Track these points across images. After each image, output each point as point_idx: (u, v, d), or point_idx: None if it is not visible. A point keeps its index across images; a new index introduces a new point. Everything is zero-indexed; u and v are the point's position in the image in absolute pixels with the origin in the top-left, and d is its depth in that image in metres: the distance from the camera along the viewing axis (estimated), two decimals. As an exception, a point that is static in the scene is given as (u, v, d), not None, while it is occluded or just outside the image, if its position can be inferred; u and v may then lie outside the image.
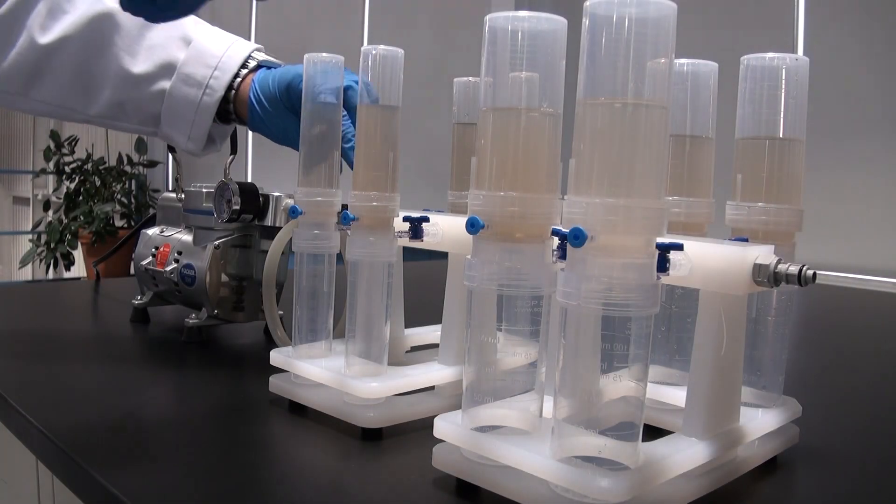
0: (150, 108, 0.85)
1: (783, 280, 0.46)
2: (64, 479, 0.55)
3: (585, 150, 0.41)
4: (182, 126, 0.84)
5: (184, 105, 0.83)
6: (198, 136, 0.85)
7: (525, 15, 0.45)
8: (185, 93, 0.83)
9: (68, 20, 0.82)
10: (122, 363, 0.78)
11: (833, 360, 0.96)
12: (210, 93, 0.82)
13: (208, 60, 0.83)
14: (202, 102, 0.82)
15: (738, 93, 0.55)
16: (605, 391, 0.43)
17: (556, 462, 0.43)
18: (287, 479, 0.50)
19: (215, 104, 0.83)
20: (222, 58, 0.83)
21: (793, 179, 0.54)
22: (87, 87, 0.84)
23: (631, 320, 0.41)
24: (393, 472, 0.52)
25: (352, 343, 0.61)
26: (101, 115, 0.85)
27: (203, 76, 0.82)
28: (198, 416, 0.63)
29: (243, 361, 0.81)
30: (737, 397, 0.51)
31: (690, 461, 0.46)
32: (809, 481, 0.54)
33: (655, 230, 0.41)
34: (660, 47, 0.40)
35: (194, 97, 0.82)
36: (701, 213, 0.59)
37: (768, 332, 0.55)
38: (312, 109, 0.65)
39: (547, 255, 0.46)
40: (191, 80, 0.82)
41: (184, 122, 0.84)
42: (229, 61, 0.83)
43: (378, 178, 0.60)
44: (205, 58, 0.83)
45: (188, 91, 0.83)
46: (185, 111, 0.83)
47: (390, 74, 0.59)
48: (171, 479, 0.50)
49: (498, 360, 0.48)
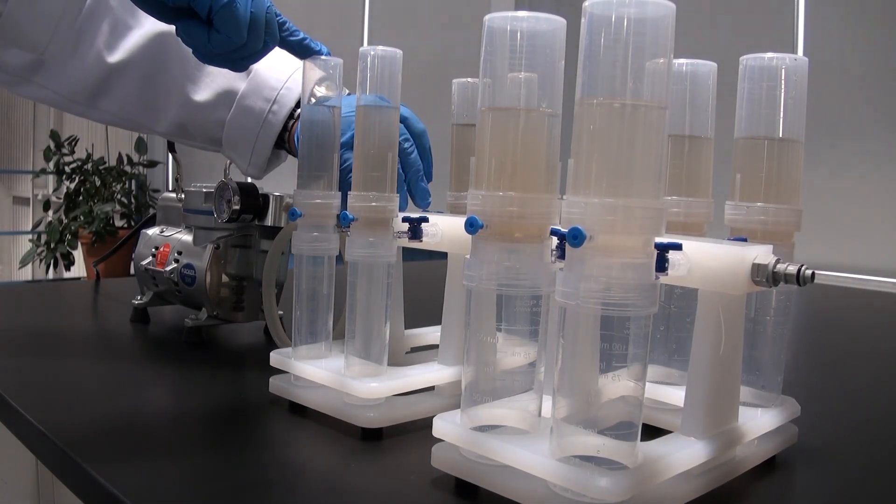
0: (212, 133, 0.86)
1: (782, 280, 0.46)
2: (64, 479, 0.55)
3: (584, 150, 0.41)
4: (243, 153, 0.85)
5: (243, 136, 0.84)
6: (258, 163, 0.86)
7: (524, 15, 0.45)
8: (243, 124, 0.83)
9: (133, 39, 0.83)
10: (122, 363, 0.78)
11: (832, 360, 0.96)
12: (268, 127, 0.83)
13: (267, 94, 0.83)
14: (260, 135, 0.83)
15: (737, 93, 0.55)
16: (603, 391, 0.43)
17: (555, 461, 0.43)
18: (287, 479, 0.50)
19: (273, 138, 0.83)
20: (280, 90, 0.83)
21: (792, 179, 0.54)
22: (152, 105, 0.85)
23: (630, 320, 0.41)
24: (393, 472, 0.52)
25: (351, 343, 0.61)
26: (167, 132, 0.87)
27: (261, 110, 0.82)
28: (198, 416, 0.63)
29: (243, 361, 0.81)
30: (735, 397, 0.51)
31: (689, 461, 0.46)
32: (808, 481, 0.54)
33: (654, 230, 0.41)
34: (659, 47, 0.40)
35: (253, 129, 0.83)
36: (700, 213, 0.59)
37: (767, 332, 0.55)
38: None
39: (546, 254, 0.46)
40: (249, 113, 0.83)
41: (244, 151, 0.85)
42: (288, 94, 0.83)
43: (377, 178, 0.60)
44: (263, 91, 0.83)
45: (246, 122, 0.83)
46: (244, 141, 0.84)
47: (389, 75, 0.59)
48: (171, 479, 0.50)
49: (497, 359, 0.48)
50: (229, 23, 0.61)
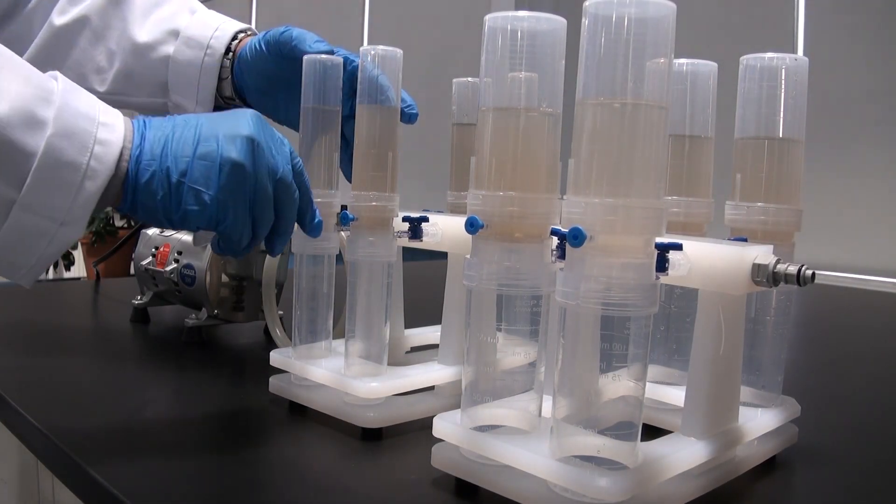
0: (157, 77, 0.85)
1: (782, 280, 0.46)
2: (64, 479, 0.55)
3: (584, 150, 0.41)
4: (189, 90, 0.84)
5: (187, 67, 0.83)
6: (205, 98, 0.84)
7: (524, 15, 0.45)
8: (187, 55, 0.83)
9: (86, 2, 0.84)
10: (122, 363, 0.78)
11: (832, 360, 0.96)
12: (211, 52, 0.82)
13: (210, 22, 0.84)
14: (205, 63, 0.82)
15: (737, 93, 0.55)
16: (603, 391, 0.43)
17: (555, 461, 0.43)
18: (287, 479, 0.50)
19: (218, 62, 0.82)
20: (224, 21, 0.84)
21: (792, 179, 0.54)
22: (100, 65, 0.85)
23: (630, 320, 0.41)
24: (393, 472, 0.52)
25: (352, 343, 0.61)
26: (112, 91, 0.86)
27: (204, 36, 0.83)
28: (198, 416, 0.63)
29: (243, 361, 0.81)
30: (736, 397, 0.51)
31: (689, 461, 0.46)
32: (808, 481, 0.54)
33: (654, 230, 0.41)
34: (659, 47, 0.40)
35: (196, 58, 0.83)
36: (700, 213, 0.59)
37: (767, 332, 0.55)
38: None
39: (546, 254, 0.46)
40: (192, 42, 0.83)
41: (190, 86, 0.84)
42: (230, 24, 0.84)
43: (377, 178, 0.60)
44: (207, 20, 0.84)
45: (190, 53, 0.83)
46: (189, 74, 0.83)
47: (390, 74, 0.59)
48: (171, 479, 0.50)
49: (497, 359, 0.48)
50: None
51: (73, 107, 0.51)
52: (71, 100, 0.51)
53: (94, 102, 0.53)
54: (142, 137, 0.54)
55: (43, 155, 0.49)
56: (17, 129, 0.48)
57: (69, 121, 0.50)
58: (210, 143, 0.53)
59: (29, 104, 0.49)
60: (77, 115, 0.51)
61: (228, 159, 0.52)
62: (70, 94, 0.52)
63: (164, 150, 0.53)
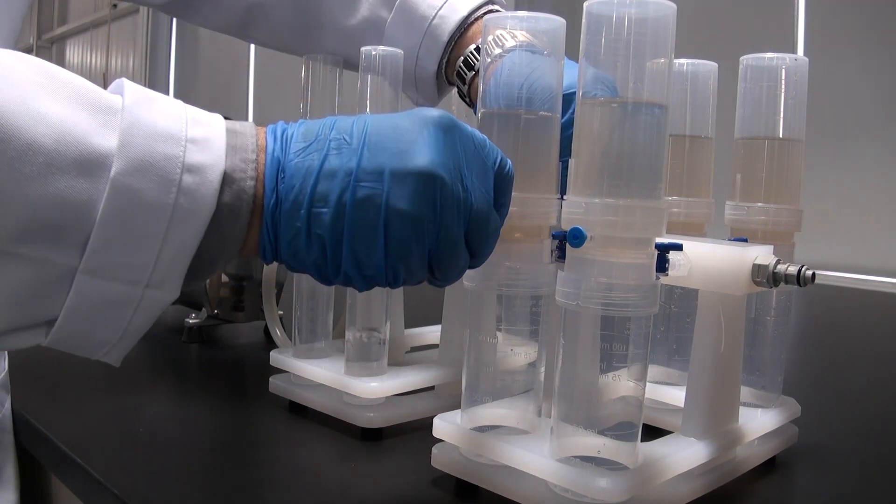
0: None
1: (782, 280, 0.46)
2: (64, 479, 0.55)
3: (584, 150, 0.41)
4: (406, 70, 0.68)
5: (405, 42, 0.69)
6: (425, 78, 0.70)
7: (524, 15, 0.45)
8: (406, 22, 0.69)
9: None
10: (123, 363, 0.78)
11: (832, 360, 0.96)
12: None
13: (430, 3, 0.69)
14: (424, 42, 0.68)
15: (737, 93, 0.55)
16: (604, 391, 0.43)
17: (555, 462, 0.43)
18: (287, 479, 0.50)
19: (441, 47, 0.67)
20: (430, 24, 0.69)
21: (792, 179, 0.54)
22: (305, 35, 0.77)
23: (630, 320, 0.41)
24: (393, 472, 0.52)
25: (352, 343, 0.61)
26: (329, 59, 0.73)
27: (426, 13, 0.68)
28: (198, 416, 0.63)
29: (243, 361, 0.81)
30: (736, 397, 0.51)
31: (689, 461, 0.46)
32: (808, 481, 0.54)
33: (655, 230, 0.41)
34: (659, 47, 0.40)
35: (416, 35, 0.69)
36: (700, 213, 0.59)
37: (767, 333, 0.55)
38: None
39: (546, 254, 0.46)
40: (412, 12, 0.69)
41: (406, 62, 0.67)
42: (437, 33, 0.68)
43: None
44: None
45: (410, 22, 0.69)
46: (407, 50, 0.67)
47: (390, 74, 0.59)
48: (171, 479, 0.50)
49: (497, 360, 0.48)
50: None
51: (145, 125, 0.36)
52: (142, 115, 0.36)
53: (180, 111, 0.38)
54: (276, 161, 0.38)
55: (108, 203, 0.34)
56: (68, 171, 0.34)
57: (141, 146, 0.35)
58: (371, 185, 0.37)
59: (81, 131, 0.34)
60: (153, 135, 0.36)
61: (397, 212, 0.37)
62: (141, 108, 0.37)
63: (304, 185, 0.38)
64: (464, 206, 0.39)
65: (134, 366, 0.78)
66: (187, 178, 0.36)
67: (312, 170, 0.38)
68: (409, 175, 0.37)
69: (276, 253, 0.39)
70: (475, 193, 0.40)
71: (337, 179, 0.37)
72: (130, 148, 0.35)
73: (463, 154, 0.39)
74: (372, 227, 0.37)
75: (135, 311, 0.38)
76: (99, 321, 0.38)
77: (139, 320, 0.39)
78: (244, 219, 0.37)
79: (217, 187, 0.36)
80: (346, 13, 0.73)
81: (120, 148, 0.35)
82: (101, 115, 0.35)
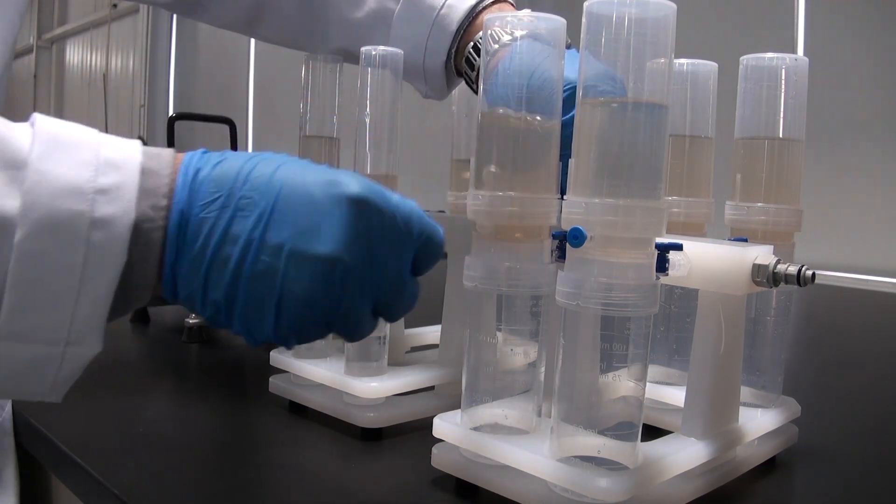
0: None
1: (782, 280, 0.46)
2: (64, 480, 0.55)
3: (584, 150, 0.41)
4: (413, 65, 0.70)
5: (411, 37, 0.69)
6: (433, 69, 0.70)
7: (524, 15, 0.45)
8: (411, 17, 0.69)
9: None
10: (122, 363, 0.78)
11: (832, 360, 0.96)
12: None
13: None
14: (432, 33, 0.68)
15: (737, 93, 0.55)
16: (604, 391, 0.43)
17: (555, 462, 0.43)
18: (287, 479, 0.50)
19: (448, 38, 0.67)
20: None
21: (792, 179, 0.54)
22: (312, 30, 0.78)
23: (630, 320, 0.41)
24: (393, 472, 0.52)
25: (351, 343, 0.61)
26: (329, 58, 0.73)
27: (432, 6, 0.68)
28: (198, 416, 0.63)
29: (243, 361, 0.81)
30: (736, 397, 0.51)
31: (689, 461, 0.46)
32: (808, 481, 0.54)
33: (655, 230, 0.41)
34: (659, 47, 0.40)
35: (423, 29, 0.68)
36: (700, 213, 0.59)
37: (767, 333, 0.55)
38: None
39: (546, 254, 0.46)
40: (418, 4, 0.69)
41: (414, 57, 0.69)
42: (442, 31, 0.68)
43: (377, 178, 0.60)
44: None
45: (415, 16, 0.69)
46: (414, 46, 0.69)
47: (391, 74, 0.59)
48: (171, 479, 0.50)
49: (497, 359, 0.48)
50: None
51: (50, 181, 0.34)
52: (48, 170, 0.34)
53: (91, 156, 0.36)
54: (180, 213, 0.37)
55: (14, 268, 0.33)
56: None
57: (46, 206, 0.33)
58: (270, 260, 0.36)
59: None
60: (58, 192, 0.34)
61: (291, 293, 0.37)
62: (48, 160, 0.34)
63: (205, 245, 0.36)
64: (369, 286, 0.38)
65: (134, 366, 0.78)
66: (96, 235, 0.34)
67: (215, 231, 0.36)
68: (309, 259, 0.36)
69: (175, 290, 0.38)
70: (388, 271, 0.39)
71: (237, 246, 0.36)
72: (34, 209, 0.33)
73: (379, 231, 0.38)
74: (265, 301, 0.37)
75: (59, 368, 0.38)
76: (25, 380, 0.37)
77: (66, 374, 0.38)
78: (152, 268, 0.37)
79: (127, 239, 0.35)
80: (352, 6, 0.74)
81: (23, 210, 0.33)
82: (9, 170, 0.34)
